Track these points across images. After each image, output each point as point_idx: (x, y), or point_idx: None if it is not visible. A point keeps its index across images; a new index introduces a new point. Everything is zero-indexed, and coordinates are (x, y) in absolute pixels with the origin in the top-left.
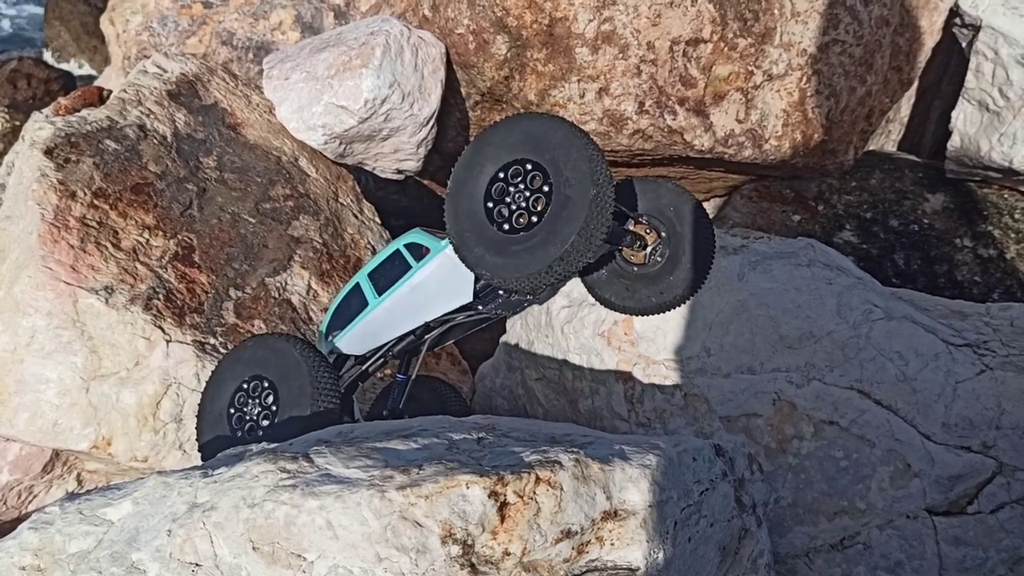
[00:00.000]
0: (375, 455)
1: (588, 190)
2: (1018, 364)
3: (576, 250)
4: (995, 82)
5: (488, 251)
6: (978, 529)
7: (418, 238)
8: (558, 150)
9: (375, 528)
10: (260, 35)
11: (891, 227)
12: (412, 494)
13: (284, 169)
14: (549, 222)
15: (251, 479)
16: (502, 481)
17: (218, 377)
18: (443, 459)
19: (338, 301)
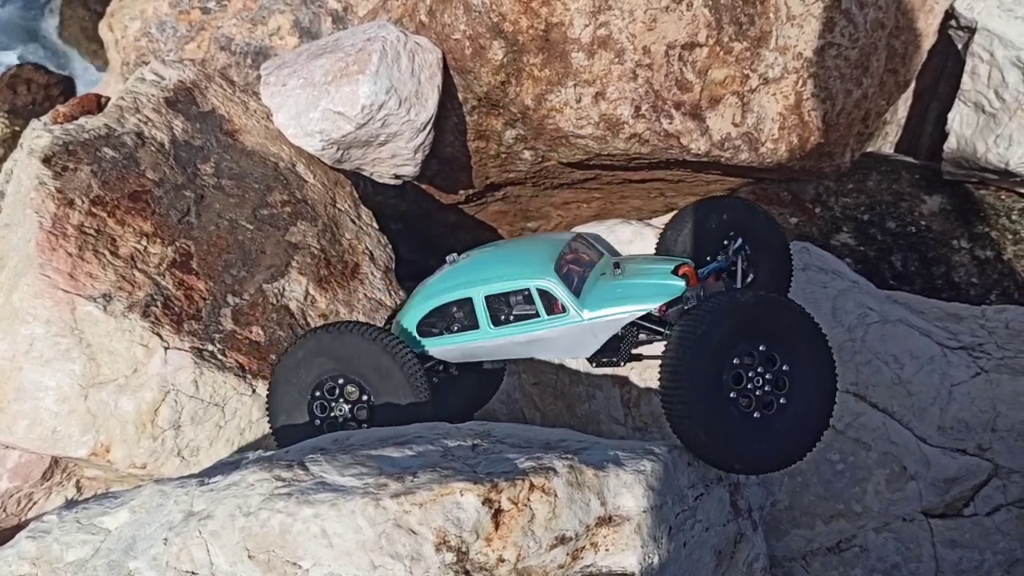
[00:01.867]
0: (370, 463)
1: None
2: (1013, 367)
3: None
4: (991, 84)
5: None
6: (974, 531)
7: (552, 288)
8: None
9: (369, 536)
10: (259, 40)
11: (888, 229)
12: (406, 502)
13: (282, 175)
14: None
15: (247, 487)
16: (496, 488)
17: (291, 368)
18: (437, 466)
19: (437, 301)
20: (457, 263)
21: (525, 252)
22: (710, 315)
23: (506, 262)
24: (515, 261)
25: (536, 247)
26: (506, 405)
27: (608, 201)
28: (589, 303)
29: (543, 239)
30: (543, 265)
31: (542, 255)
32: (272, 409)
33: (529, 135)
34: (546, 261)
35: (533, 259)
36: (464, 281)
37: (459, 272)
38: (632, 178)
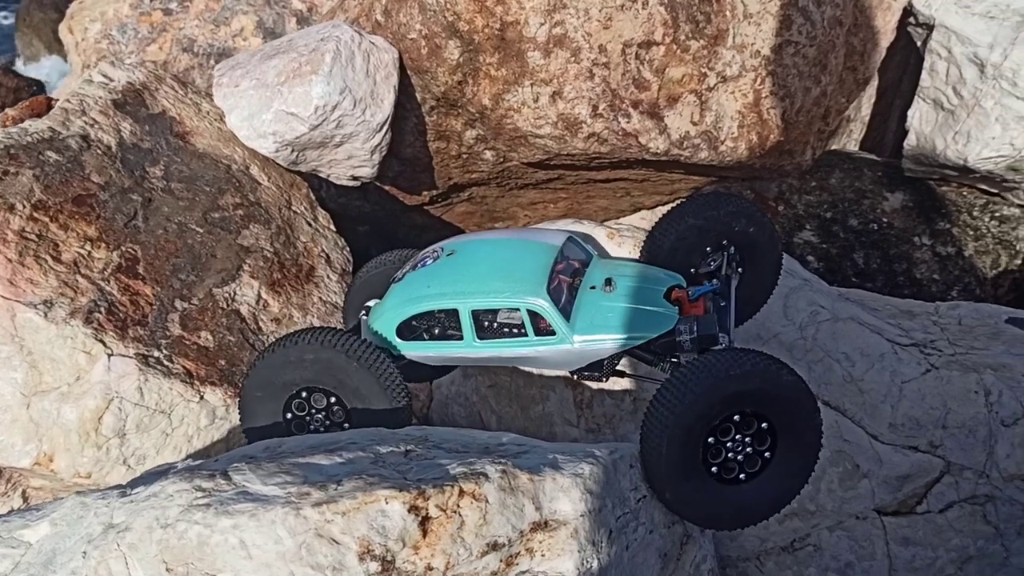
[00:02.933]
0: (296, 471)
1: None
2: (963, 363)
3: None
4: (949, 81)
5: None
6: (927, 529)
7: (543, 310)
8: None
9: (289, 546)
10: (221, 42)
11: (851, 226)
12: (328, 511)
13: (234, 177)
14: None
15: (165, 498)
16: (423, 495)
17: (263, 378)
18: (364, 474)
19: (420, 308)
20: (440, 259)
21: (516, 262)
22: (698, 386)
23: (496, 273)
24: (506, 273)
25: (528, 255)
26: (464, 408)
27: (575, 201)
28: (579, 326)
29: (535, 243)
30: (535, 282)
31: (535, 267)
32: (244, 417)
33: (489, 135)
34: (539, 276)
35: (525, 273)
36: (451, 290)
37: (445, 275)
38: (596, 178)
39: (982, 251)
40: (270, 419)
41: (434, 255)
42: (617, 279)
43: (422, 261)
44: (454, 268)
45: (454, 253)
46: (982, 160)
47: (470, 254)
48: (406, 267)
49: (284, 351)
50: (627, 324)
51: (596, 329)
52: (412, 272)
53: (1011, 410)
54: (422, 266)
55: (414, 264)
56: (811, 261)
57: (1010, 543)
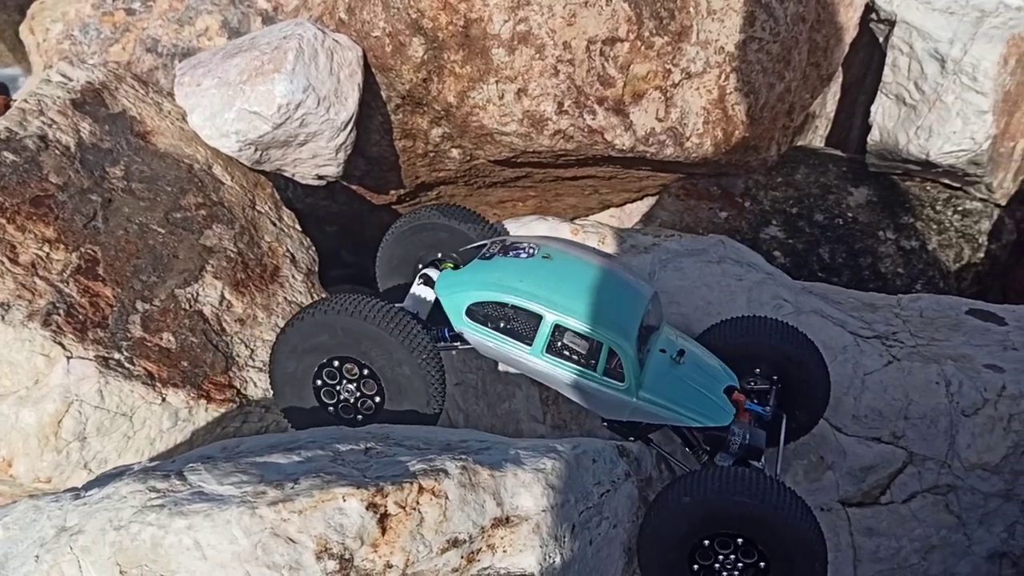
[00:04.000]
0: (252, 470)
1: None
2: (925, 354)
3: None
4: (911, 76)
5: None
6: (891, 519)
7: (626, 356)
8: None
9: (245, 546)
10: (186, 41)
11: (816, 221)
12: (285, 509)
13: (196, 177)
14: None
15: (119, 500)
16: (382, 492)
17: (294, 340)
18: (322, 472)
19: (506, 297)
20: (535, 257)
21: (612, 295)
22: (701, 506)
23: (591, 298)
24: (600, 303)
25: (623, 293)
26: None
27: (544, 199)
28: (646, 385)
29: (629, 284)
30: (627, 324)
31: (629, 308)
32: (274, 384)
33: (455, 133)
34: (631, 320)
35: (618, 310)
36: (543, 295)
37: (539, 276)
38: (564, 175)
39: (945, 245)
40: (298, 386)
41: (528, 251)
42: (688, 353)
43: (514, 250)
44: (550, 274)
45: (550, 257)
46: (944, 154)
47: (566, 266)
48: (494, 248)
49: (321, 315)
50: (690, 402)
51: (660, 394)
52: (503, 258)
53: (971, 400)
54: (514, 255)
55: (505, 249)
56: (777, 256)
57: (972, 532)
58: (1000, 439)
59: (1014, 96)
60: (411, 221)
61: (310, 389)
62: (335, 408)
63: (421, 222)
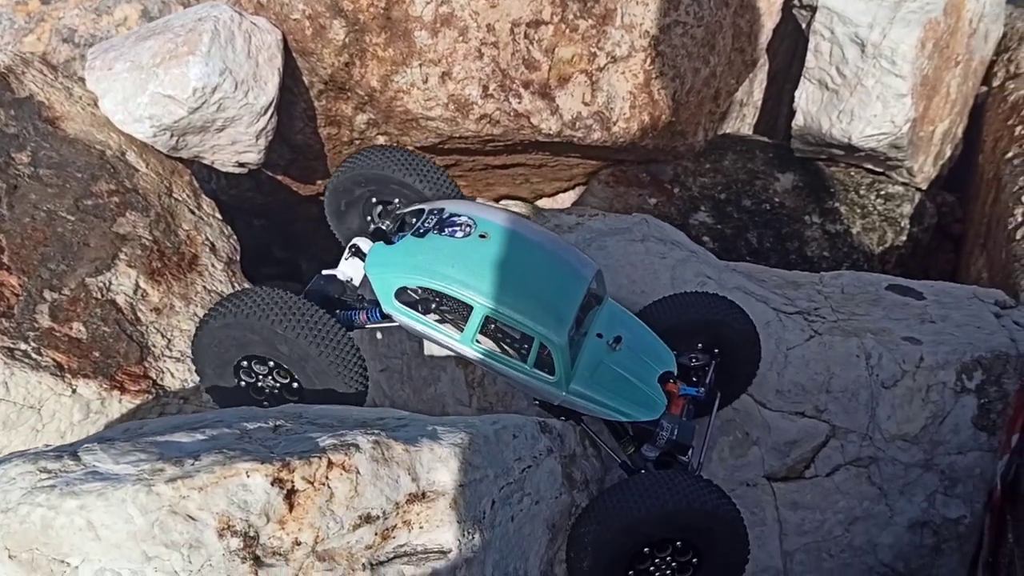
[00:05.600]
0: (152, 448)
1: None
2: (845, 328)
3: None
4: (832, 61)
5: None
6: (815, 492)
7: (557, 352)
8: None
9: (141, 525)
10: (104, 31)
11: (744, 207)
12: (184, 486)
13: (109, 164)
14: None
15: (7, 482)
16: (288, 467)
17: (208, 342)
18: (226, 448)
19: (436, 284)
20: (471, 237)
21: (549, 282)
22: (631, 516)
23: (526, 288)
24: (536, 292)
25: (562, 278)
26: None
27: (474, 189)
28: (577, 376)
29: (570, 265)
30: (562, 317)
31: (565, 297)
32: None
33: (380, 119)
34: (567, 311)
35: (554, 300)
36: (475, 284)
37: (473, 262)
38: (493, 163)
39: (869, 228)
40: (227, 386)
41: (465, 228)
42: (626, 340)
43: (450, 227)
44: (484, 258)
45: (487, 237)
46: (865, 138)
47: (503, 246)
48: (429, 220)
49: (217, 317)
50: (621, 395)
51: (592, 388)
52: (438, 236)
53: (890, 372)
54: (449, 233)
55: (439, 223)
56: (706, 241)
57: (894, 502)
58: (919, 410)
59: (932, 80)
60: (348, 172)
61: (236, 384)
62: (265, 399)
63: (358, 174)
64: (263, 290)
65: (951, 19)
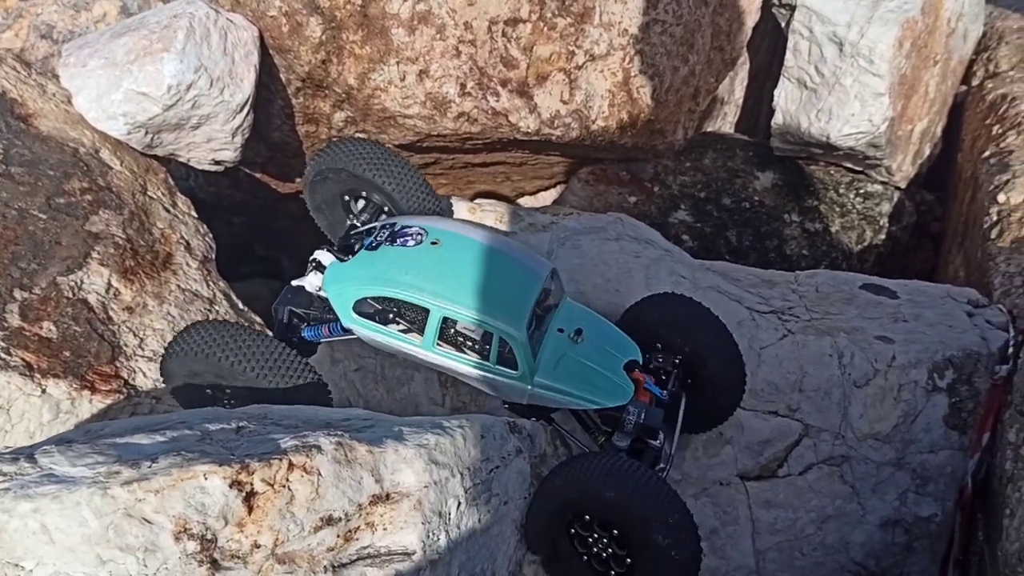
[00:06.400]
0: (110, 451)
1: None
2: (818, 327)
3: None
4: (811, 60)
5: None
6: (788, 491)
7: (517, 345)
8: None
9: (95, 529)
10: (82, 28)
11: (724, 205)
12: (139, 489)
13: (82, 161)
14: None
15: None
16: (247, 470)
17: (171, 369)
18: (185, 450)
19: (392, 292)
20: (423, 244)
21: (503, 280)
22: (554, 482)
23: (480, 286)
24: (490, 290)
25: (515, 276)
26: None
27: (456, 187)
28: (541, 368)
29: (523, 264)
30: (518, 311)
31: (520, 293)
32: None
33: (357, 117)
34: (523, 306)
35: (509, 296)
36: (429, 287)
37: (426, 267)
38: (473, 161)
39: (848, 227)
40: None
41: (416, 237)
42: (587, 332)
43: (402, 237)
44: (437, 262)
45: (439, 243)
46: (843, 136)
47: (456, 250)
48: (382, 234)
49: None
50: (586, 384)
51: (557, 379)
52: (390, 247)
53: (862, 371)
54: (401, 243)
55: (391, 235)
56: (686, 240)
57: (865, 501)
58: (891, 409)
59: (910, 80)
60: (315, 167)
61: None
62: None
63: (327, 168)
64: (219, 325)
65: (929, 18)
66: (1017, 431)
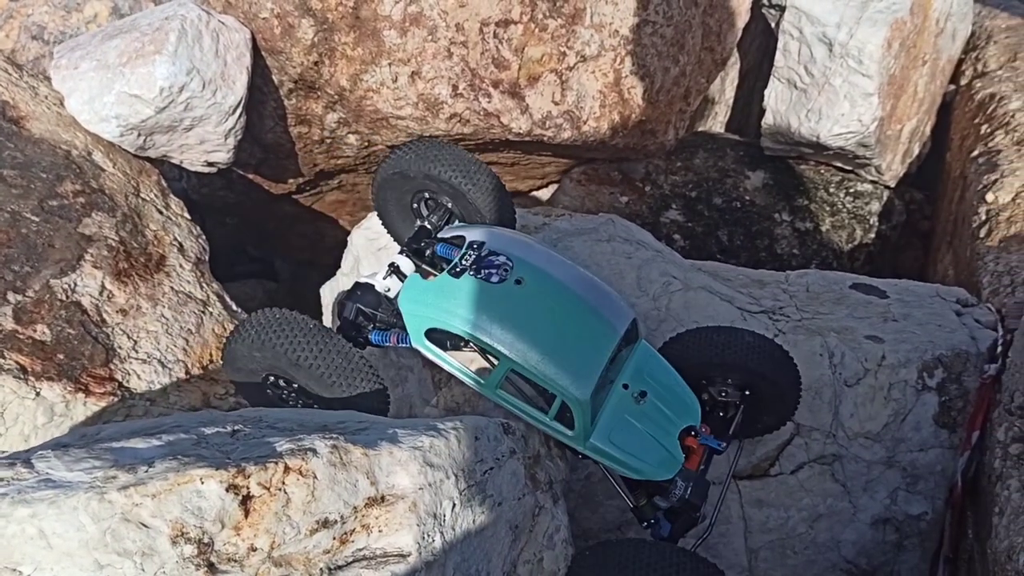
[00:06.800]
0: (106, 455)
1: None
2: (809, 327)
3: None
4: (801, 60)
5: None
6: (780, 490)
7: (578, 414)
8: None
9: (93, 533)
10: (74, 29)
11: (715, 205)
12: (136, 494)
13: (75, 164)
14: None
15: None
16: (243, 473)
17: (232, 357)
18: (181, 454)
19: (467, 331)
20: (507, 282)
21: (579, 335)
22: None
23: (555, 342)
24: (564, 347)
25: (593, 330)
26: None
27: None
28: (597, 431)
29: (603, 316)
30: (587, 376)
31: (594, 352)
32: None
33: (350, 118)
34: (593, 367)
35: (582, 354)
36: (504, 336)
37: (506, 310)
38: None
39: (838, 226)
40: (258, 395)
41: (500, 273)
42: (651, 393)
43: (487, 268)
44: (517, 306)
45: (523, 283)
46: (833, 136)
47: (538, 295)
48: (467, 258)
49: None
50: (639, 455)
51: (610, 445)
52: (473, 279)
53: (853, 371)
54: (485, 276)
55: (477, 264)
56: (677, 239)
57: (856, 499)
58: (881, 408)
59: (899, 80)
60: (390, 167)
61: (268, 397)
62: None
63: (401, 170)
64: (287, 316)
65: (918, 19)
66: (1006, 430)
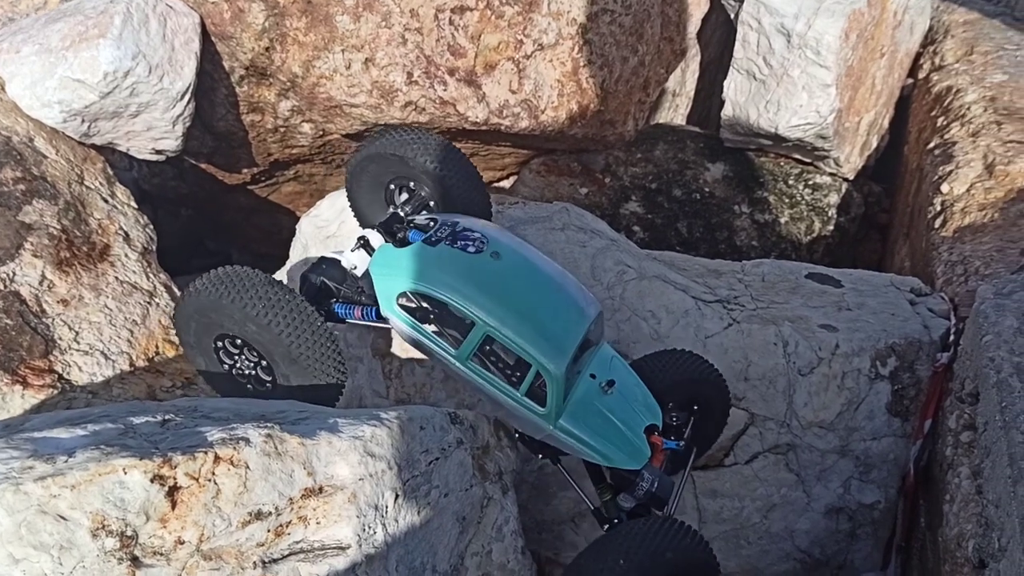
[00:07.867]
0: (25, 445)
1: None
2: (764, 316)
3: None
4: (759, 51)
5: None
6: (734, 480)
7: (553, 384)
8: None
9: (7, 526)
10: (23, 14)
11: (675, 197)
12: (54, 485)
13: (15, 150)
14: None
15: None
16: (169, 463)
17: (185, 314)
18: (105, 444)
19: (442, 295)
20: (483, 254)
21: (554, 311)
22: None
23: (531, 312)
24: (540, 319)
25: (567, 309)
26: None
27: None
28: (568, 413)
29: (575, 298)
30: (564, 349)
31: (569, 329)
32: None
33: (303, 106)
34: (569, 344)
35: (558, 330)
36: (481, 300)
37: (482, 278)
38: None
39: (797, 218)
40: (206, 357)
41: (477, 244)
42: (618, 385)
43: (463, 240)
44: (493, 276)
45: (498, 256)
46: (792, 127)
47: (514, 269)
48: (442, 231)
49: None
50: (607, 440)
51: (579, 427)
52: (449, 247)
53: (807, 360)
54: (461, 247)
55: (453, 235)
56: (637, 231)
57: (811, 488)
58: (834, 397)
59: (857, 71)
60: (366, 151)
61: (216, 361)
62: (244, 379)
63: (376, 154)
64: (242, 271)
65: (876, 10)
66: (957, 418)
